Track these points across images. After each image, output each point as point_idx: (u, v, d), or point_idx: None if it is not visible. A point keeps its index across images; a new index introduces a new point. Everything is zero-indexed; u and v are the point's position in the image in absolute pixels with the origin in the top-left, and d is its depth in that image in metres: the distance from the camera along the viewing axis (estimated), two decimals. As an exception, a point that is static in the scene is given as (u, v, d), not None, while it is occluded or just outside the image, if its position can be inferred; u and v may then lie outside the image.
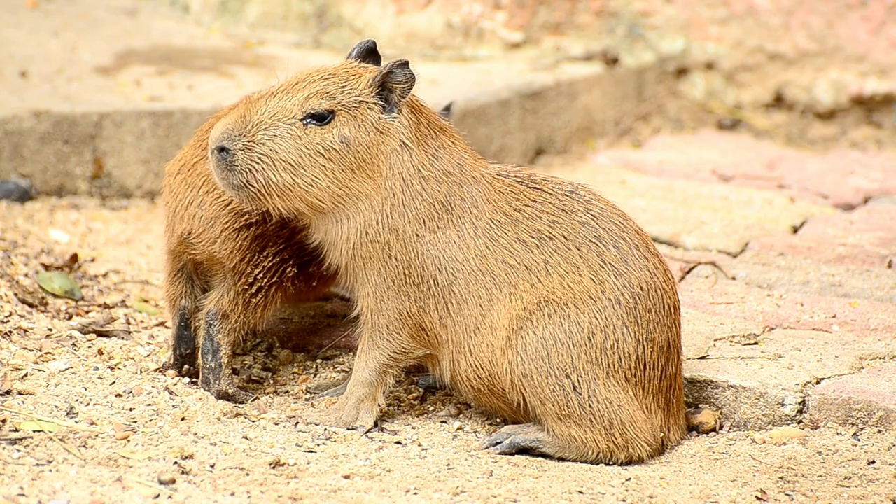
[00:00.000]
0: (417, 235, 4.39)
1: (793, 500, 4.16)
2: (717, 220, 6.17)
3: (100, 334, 4.98)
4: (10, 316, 4.94)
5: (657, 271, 4.39)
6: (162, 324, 5.18)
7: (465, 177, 4.43)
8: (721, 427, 4.62)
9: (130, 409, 4.45)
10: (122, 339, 4.98)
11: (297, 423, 4.49)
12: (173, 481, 3.97)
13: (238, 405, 4.59)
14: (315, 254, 4.54)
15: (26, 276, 5.31)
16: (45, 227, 5.97)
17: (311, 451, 4.32)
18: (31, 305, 5.13)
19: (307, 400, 4.71)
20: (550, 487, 4.15)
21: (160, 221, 6.10)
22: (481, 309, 4.39)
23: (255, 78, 6.97)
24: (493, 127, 7.02)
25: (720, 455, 4.45)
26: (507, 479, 4.19)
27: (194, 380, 4.70)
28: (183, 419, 4.43)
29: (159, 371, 4.71)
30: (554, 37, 7.79)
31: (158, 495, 3.88)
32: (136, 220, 6.21)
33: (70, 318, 5.14)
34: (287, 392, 4.79)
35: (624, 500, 4.11)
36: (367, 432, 4.48)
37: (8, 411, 4.31)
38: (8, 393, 4.42)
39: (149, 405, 4.48)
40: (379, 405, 4.52)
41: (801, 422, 4.58)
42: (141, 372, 4.69)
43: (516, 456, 4.39)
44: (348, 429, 4.48)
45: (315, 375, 4.92)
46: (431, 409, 4.72)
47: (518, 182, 4.45)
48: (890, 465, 4.36)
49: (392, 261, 4.40)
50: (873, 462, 4.37)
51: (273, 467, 4.15)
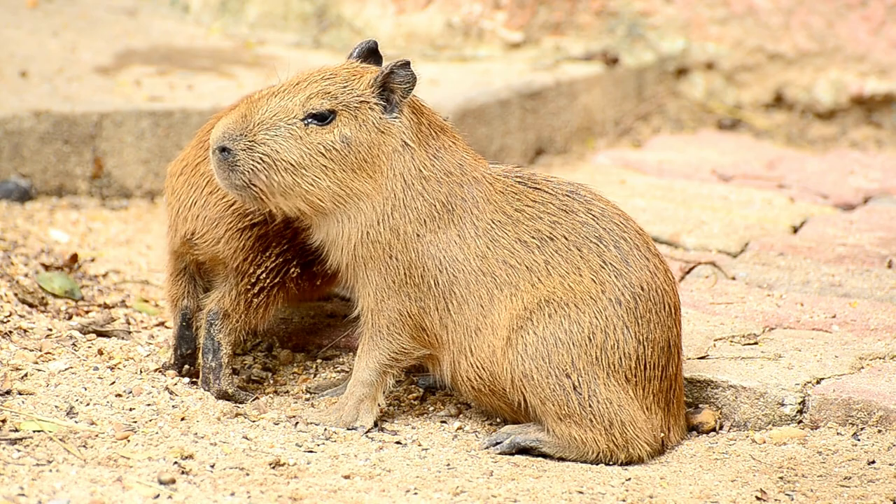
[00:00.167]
0: (418, 236, 4.39)
1: (793, 500, 4.16)
2: (716, 220, 6.17)
3: (100, 334, 4.98)
4: (10, 316, 4.94)
5: (658, 271, 4.39)
6: (162, 324, 5.18)
7: (465, 177, 4.43)
8: (721, 427, 4.62)
9: (130, 409, 4.45)
10: (122, 339, 4.98)
11: (297, 423, 4.49)
12: (173, 481, 3.97)
13: (238, 405, 4.59)
14: (317, 254, 4.54)
15: (26, 276, 5.30)
16: (45, 227, 5.97)
17: (311, 451, 4.31)
18: (31, 305, 5.13)
19: (307, 400, 4.71)
20: (550, 487, 4.15)
21: (160, 221, 6.10)
22: (482, 309, 4.39)
23: (255, 78, 6.97)
24: (493, 127, 7.02)
25: (720, 455, 4.45)
26: (507, 479, 4.19)
27: (194, 380, 4.70)
28: (183, 419, 4.43)
29: (159, 371, 4.71)
30: (554, 37, 7.79)
31: (158, 495, 3.88)
32: (136, 220, 6.21)
33: (70, 318, 5.14)
34: (287, 392, 4.78)
35: (624, 500, 4.11)
36: (367, 432, 4.48)
37: (8, 411, 4.31)
38: (8, 393, 4.42)
39: (149, 405, 4.48)
40: (379, 405, 4.52)
41: (801, 422, 4.58)
42: (141, 372, 4.69)
43: (516, 456, 4.39)
44: (348, 429, 4.48)
45: (315, 375, 4.92)
46: (431, 409, 4.72)
47: (519, 182, 4.45)
48: (890, 465, 4.36)
49: (393, 261, 4.39)
50: (873, 462, 4.37)
51: (273, 467, 4.15)
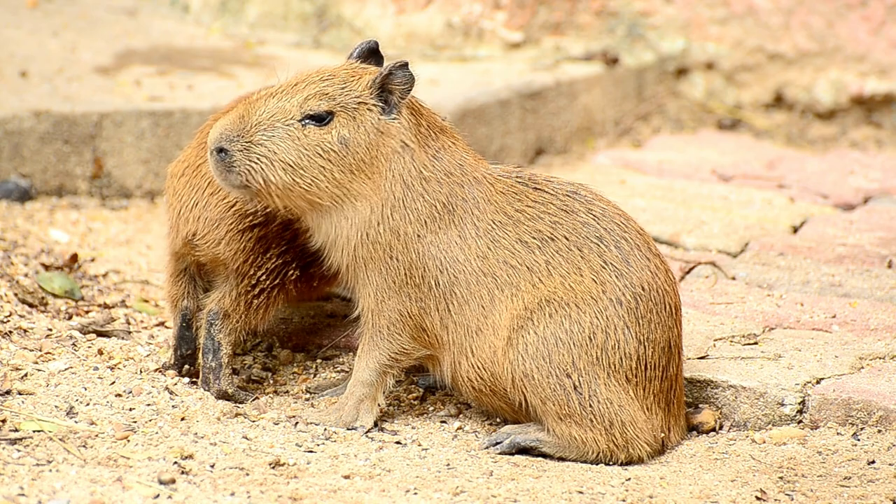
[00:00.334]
0: (419, 236, 4.39)
1: (793, 500, 4.16)
2: (716, 220, 6.17)
3: (100, 334, 4.98)
4: (10, 316, 4.94)
5: (659, 271, 4.39)
6: (162, 324, 5.18)
7: (466, 178, 4.43)
8: (721, 427, 4.62)
9: (130, 409, 4.45)
10: (122, 339, 4.98)
11: (297, 423, 4.49)
12: (173, 481, 3.97)
13: (238, 405, 4.59)
14: (317, 256, 4.54)
15: (26, 276, 5.30)
16: (45, 227, 5.97)
17: (311, 451, 4.31)
18: (31, 305, 5.12)
19: (307, 400, 4.71)
20: (550, 487, 4.15)
21: (160, 221, 6.10)
22: (483, 310, 4.38)
23: (255, 78, 6.97)
24: (493, 127, 7.02)
25: (720, 455, 4.45)
26: (507, 479, 4.19)
27: (194, 380, 4.70)
28: (183, 419, 4.43)
29: (159, 371, 4.71)
30: (554, 37, 7.79)
31: (158, 495, 3.88)
32: (136, 220, 6.21)
33: (70, 318, 5.14)
34: (287, 392, 4.78)
35: (624, 500, 4.11)
36: (367, 432, 4.48)
37: (8, 411, 4.31)
38: (8, 393, 4.42)
39: (149, 405, 4.48)
40: (379, 405, 4.52)
41: (800, 422, 4.58)
42: (141, 372, 4.68)
43: (516, 456, 4.39)
44: (348, 429, 4.48)
45: (315, 375, 4.92)
46: (431, 409, 4.72)
47: (519, 183, 4.45)
48: (890, 465, 4.36)
49: (393, 261, 4.39)
50: (873, 462, 4.37)
51: (273, 467, 4.15)
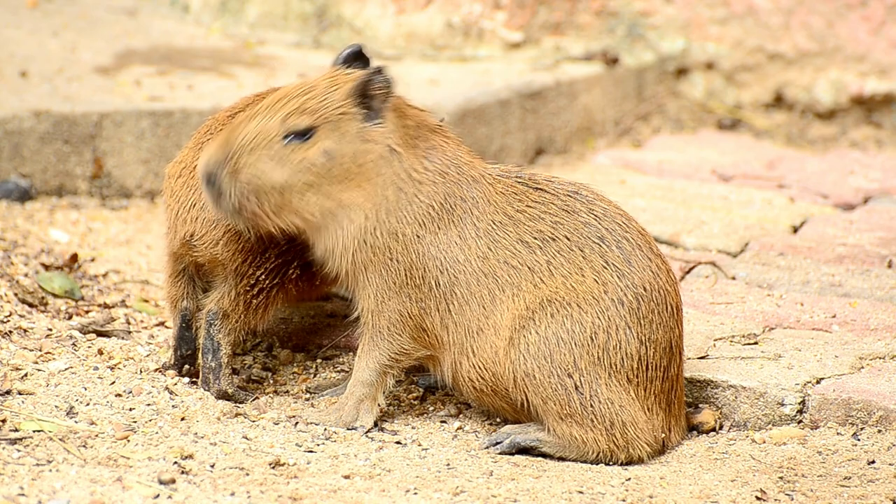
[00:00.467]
0: (418, 237, 4.39)
1: (793, 499, 4.16)
2: (716, 220, 6.17)
3: (100, 334, 4.98)
4: (10, 316, 4.94)
5: (660, 272, 4.39)
6: (162, 324, 5.18)
7: (462, 177, 4.42)
8: (721, 427, 4.62)
9: (130, 409, 4.45)
10: (122, 339, 4.98)
11: (297, 423, 4.49)
12: (173, 481, 3.97)
13: (238, 405, 4.59)
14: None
15: (26, 275, 5.30)
16: (45, 227, 5.97)
17: (311, 451, 4.31)
18: (31, 305, 5.13)
19: (307, 400, 4.71)
20: (550, 487, 4.15)
21: (160, 221, 6.10)
22: (484, 310, 4.38)
23: (256, 78, 6.97)
24: (493, 127, 7.02)
25: (720, 455, 4.45)
26: (507, 479, 4.19)
27: (194, 380, 4.70)
28: (183, 419, 4.43)
29: (159, 371, 4.71)
30: (554, 37, 7.79)
31: (158, 495, 3.88)
32: (136, 220, 6.21)
33: (70, 317, 5.14)
34: (287, 392, 4.78)
35: (624, 500, 4.11)
36: (367, 432, 4.48)
37: (8, 411, 4.31)
38: (8, 393, 4.42)
39: (149, 405, 4.48)
40: (379, 405, 4.51)
41: (800, 422, 4.58)
42: (141, 372, 4.69)
43: (516, 456, 4.39)
44: (348, 429, 4.48)
45: (315, 375, 4.92)
46: (431, 409, 4.72)
47: (520, 183, 4.44)
48: (890, 465, 4.36)
49: (393, 263, 4.39)
50: (873, 462, 4.37)
51: (273, 467, 4.15)
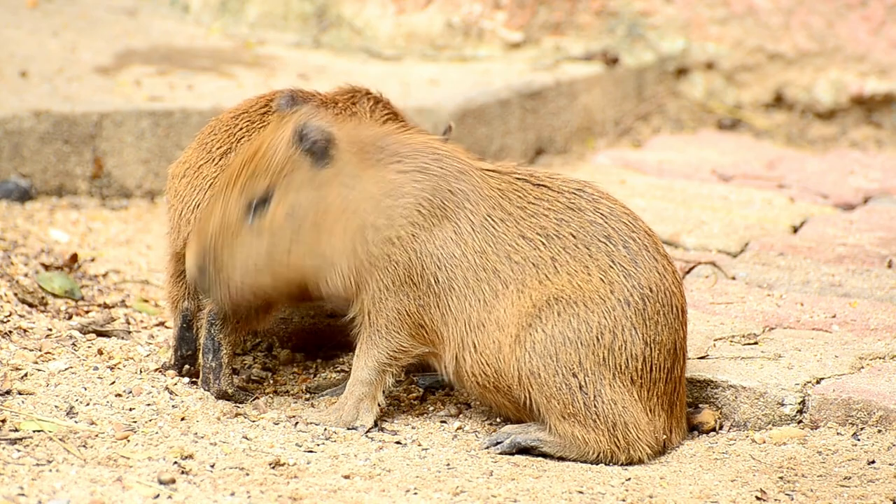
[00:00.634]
0: (413, 236, 4.38)
1: (793, 499, 4.15)
2: (717, 220, 6.17)
3: (100, 334, 4.98)
4: (10, 316, 4.94)
5: (666, 273, 4.38)
6: (162, 324, 5.18)
7: (446, 170, 4.38)
8: (721, 427, 4.61)
9: (130, 409, 4.45)
10: (122, 339, 4.98)
11: (297, 423, 4.49)
12: (173, 481, 3.96)
13: (238, 405, 4.59)
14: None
15: (26, 275, 5.30)
16: (45, 227, 5.97)
17: (311, 451, 4.31)
18: (31, 305, 5.12)
19: (307, 400, 4.71)
20: (550, 487, 4.15)
21: (160, 221, 6.10)
22: (485, 305, 4.37)
23: (255, 78, 6.97)
24: (493, 127, 7.02)
25: (720, 455, 4.45)
26: (507, 479, 4.19)
27: (194, 380, 4.70)
28: (183, 419, 4.43)
29: (159, 371, 4.71)
30: (554, 37, 7.79)
31: (158, 495, 3.88)
32: (136, 220, 6.21)
33: (70, 317, 5.14)
34: (287, 392, 4.78)
35: (624, 500, 4.11)
36: (367, 432, 4.48)
37: (8, 411, 4.31)
38: (8, 393, 4.42)
39: (149, 405, 4.48)
40: (379, 404, 4.51)
41: (801, 422, 4.58)
42: (141, 372, 4.68)
43: (516, 456, 4.39)
44: (348, 428, 4.48)
45: (315, 375, 4.92)
46: (431, 408, 4.72)
47: (519, 179, 4.43)
48: (890, 465, 4.36)
49: (392, 264, 4.38)
50: (873, 462, 4.37)
51: (273, 467, 4.15)
